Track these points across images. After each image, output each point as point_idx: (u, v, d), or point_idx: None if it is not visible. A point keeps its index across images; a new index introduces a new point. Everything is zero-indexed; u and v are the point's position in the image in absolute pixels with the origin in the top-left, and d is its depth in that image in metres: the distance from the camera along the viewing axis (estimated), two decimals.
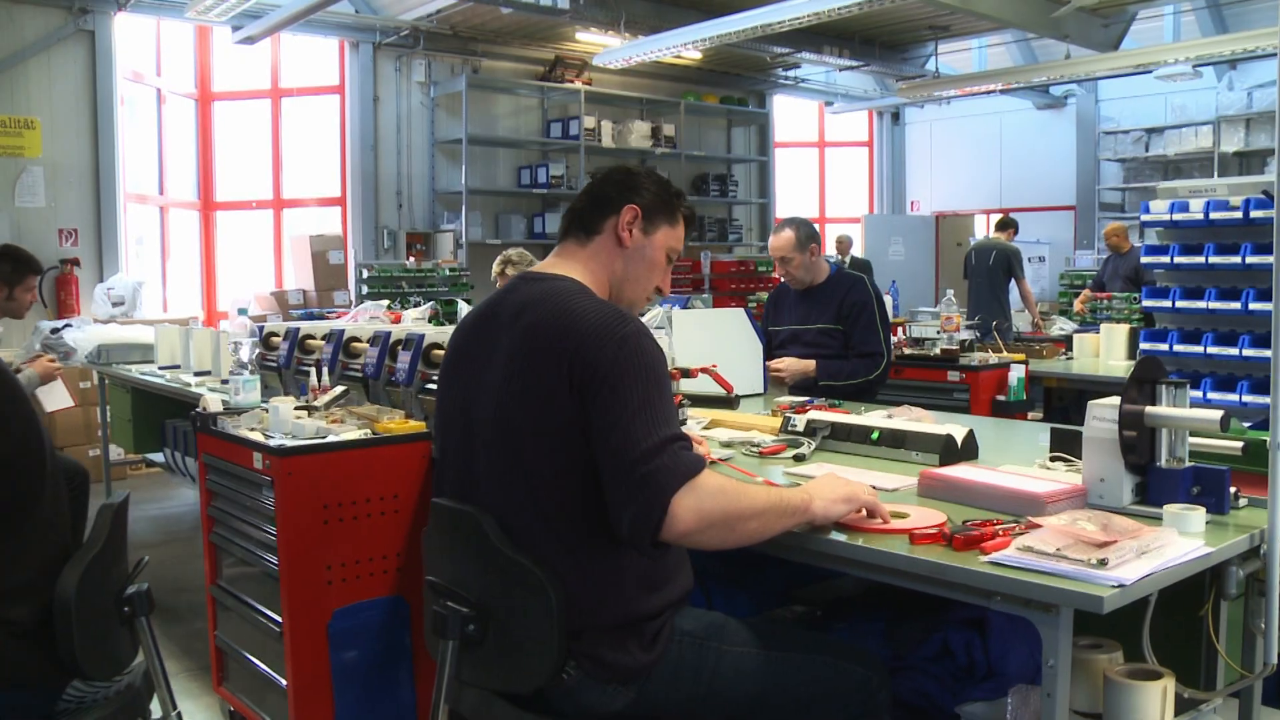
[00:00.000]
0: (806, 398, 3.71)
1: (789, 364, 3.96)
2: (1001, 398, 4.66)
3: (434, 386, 2.67)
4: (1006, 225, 8.24)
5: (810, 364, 3.95)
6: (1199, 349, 3.07)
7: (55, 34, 7.66)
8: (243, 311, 3.46)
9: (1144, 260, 3.25)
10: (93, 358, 5.99)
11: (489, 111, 10.02)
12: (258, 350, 3.30)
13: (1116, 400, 1.94)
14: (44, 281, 7.72)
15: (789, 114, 12.83)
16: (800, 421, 2.77)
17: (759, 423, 2.97)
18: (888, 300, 8.76)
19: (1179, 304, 3.11)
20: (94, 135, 7.89)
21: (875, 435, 2.59)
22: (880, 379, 4.02)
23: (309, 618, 2.72)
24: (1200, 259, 3.04)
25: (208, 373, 4.81)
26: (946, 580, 1.67)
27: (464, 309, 6.41)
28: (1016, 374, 4.66)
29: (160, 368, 5.36)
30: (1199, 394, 3.10)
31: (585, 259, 2.02)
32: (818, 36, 9.44)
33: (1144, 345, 3.28)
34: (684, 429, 3.03)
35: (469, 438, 1.93)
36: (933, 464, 2.46)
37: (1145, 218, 3.23)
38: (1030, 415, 4.93)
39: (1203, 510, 1.84)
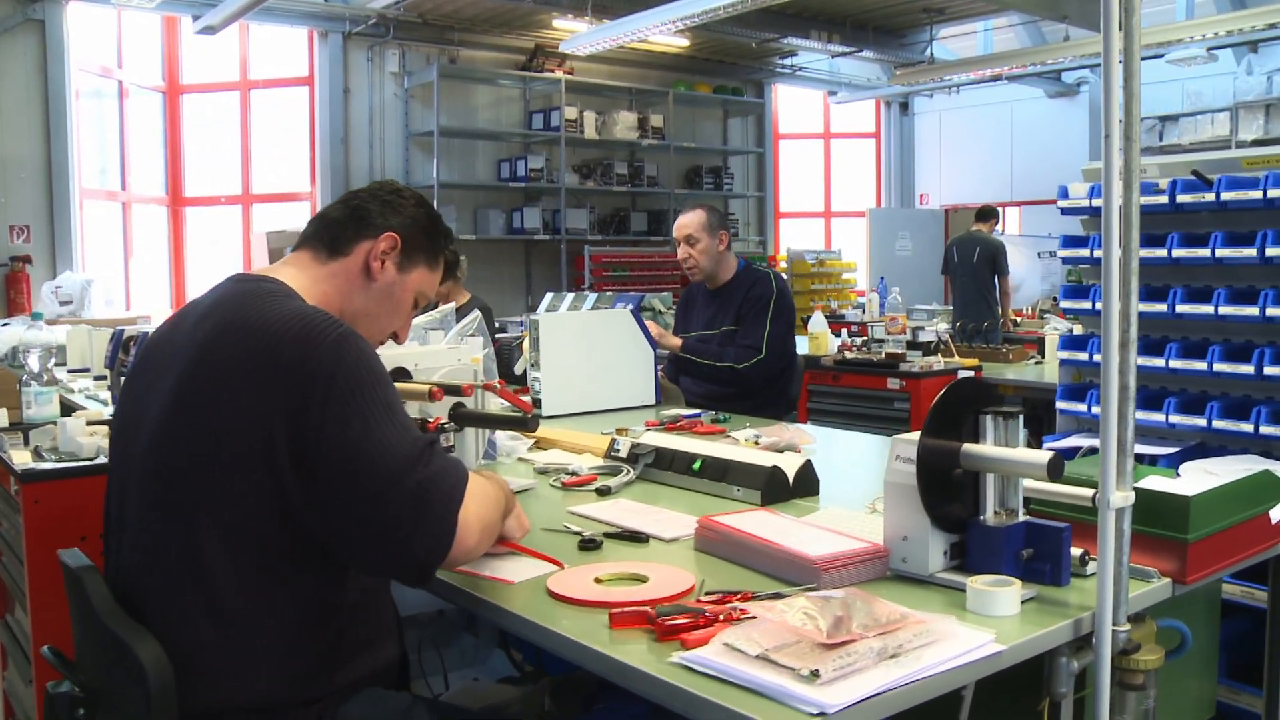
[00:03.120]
0: (695, 411, 3.30)
1: (657, 332, 3.68)
2: None
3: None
4: (987, 215, 7.67)
5: (678, 341, 3.70)
6: None
7: (2, 24, 7.41)
8: (37, 316, 3.10)
9: (1061, 254, 2.78)
10: (8, 360, 5.71)
11: (468, 102, 9.66)
12: (53, 359, 2.94)
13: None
14: None
15: (793, 105, 12.35)
16: (624, 445, 2.35)
17: (594, 444, 2.56)
18: (874, 298, 8.34)
19: (1099, 304, 2.63)
20: (46, 129, 7.64)
21: (697, 465, 2.16)
22: (751, 375, 3.63)
23: None
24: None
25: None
26: (631, 685, 1.24)
27: None
28: None
29: (70, 370, 5.07)
30: None
31: (320, 278, 1.67)
32: (805, 21, 8.96)
33: (1061, 354, 2.80)
34: (517, 447, 2.66)
35: (125, 474, 1.56)
36: (754, 502, 2.04)
37: (1063, 204, 2.74)
38: None
39: (1016, 585, 1.40)
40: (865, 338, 5.27)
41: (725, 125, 11.46)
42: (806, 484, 2.08)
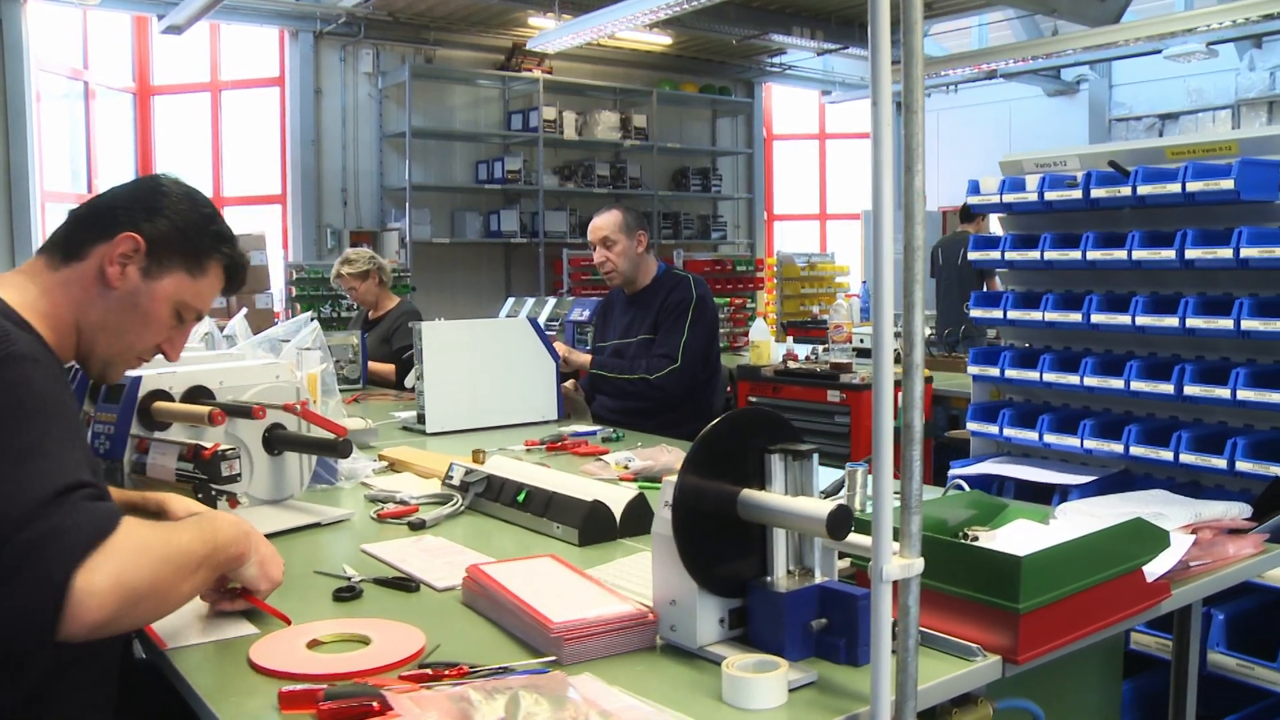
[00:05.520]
0: (592, 428, 3.04)
1: (564, 351, 3.44)
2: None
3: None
4: (972, 215, 7.30)
5: (585, 358, 3.49)
6: (1034, 374, 2.30)
7: None
8: None
9: (971, 256, 2.49)
10: None
11: (445, 103, 9.43)
12: None
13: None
14: None
15: (787, 105, 12.06)
16: (458, 472, 2.10)
17: (442, 469, 2.30)
18: (853, 303, 8.05)
19: (1011, 314, 2.34)
20: (5, 131, 7.47)
21: (521, 496, 1.90)
22: (666, 386, 3.36)
23: None
24: (1035, 253, 2.28)
25: None
26: None
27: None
28: None
29: None
30: (1034, 436, 2.33)
31: (50, 286, 1.45)
32: (787, 17, 8.67)
33: (972, 369, 2.51)
34: (361, 470, 2.40)
35: None
36: (573, 541, 1.78)
37: (972, 200, 2.46)
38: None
39: (782, 669, 1.13)
40: (826, 345, 4.99)
41: (714, 125, 11.19)
42: (639, 521, 1.82)
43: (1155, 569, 1.43)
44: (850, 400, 3.86)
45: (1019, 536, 1.47)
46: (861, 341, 5.01)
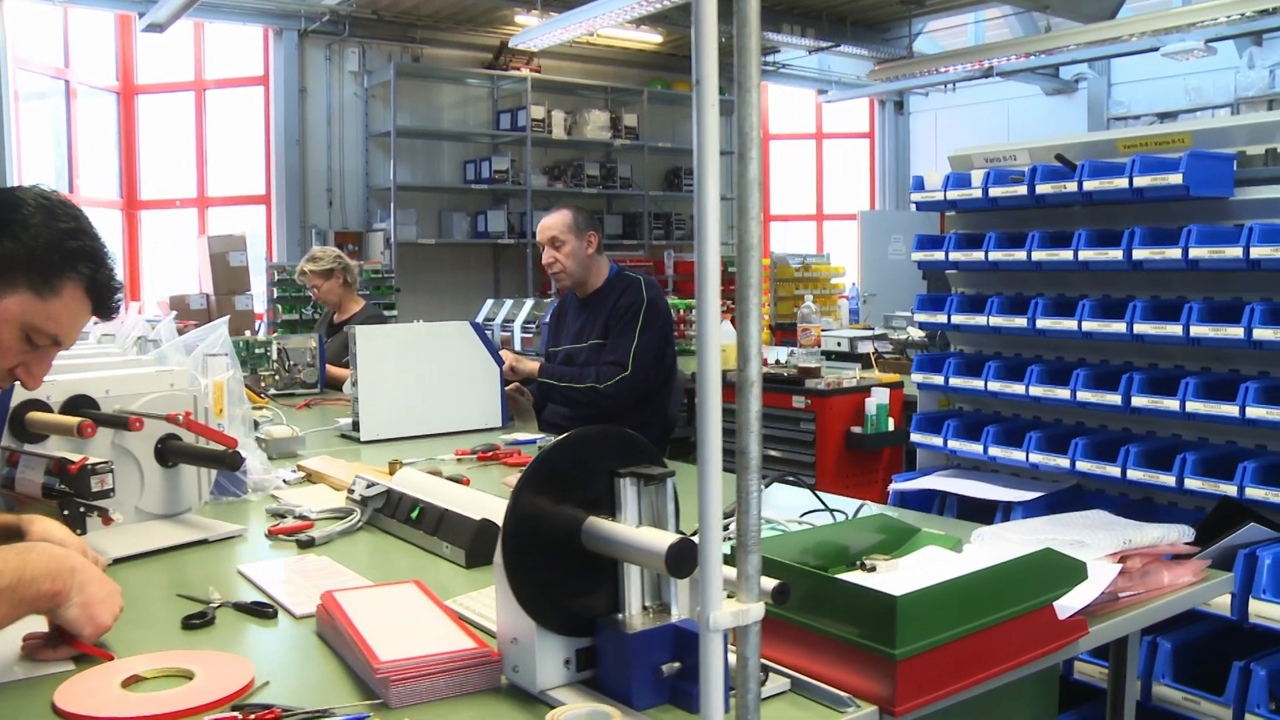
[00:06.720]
0: (534, 436, 2.93)
1: (511, 359, 3.32)
2: (858, 429, 3.77)
3: None
4: None
5: (534, 365, 3.34)
6: (979, 383, 2.17)
7: None
8: None
9: (915, 256, 2.36)
10: None
11: (432, 102, 9.33)
12: None
13: None
14: None
15: (785, 105, 11.93)
16: (359, 485, 1.98)
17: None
18: (842, 306, 7.90)
19: (956, 318, 2.21)
20: None
21: (415, 513, 1.79)
22: (616, 395, 3.24)
23: None
24: (979, 254, 2.15)
25: None
26: None
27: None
28: (877, 400, 3.77)
29: None
30: (979, 449, 2.20)
31: None
32: (778, 14, 8.54)
33: (915, 377, 2.38)
34: (271, 482, 2.29)
35: None
36: (460, 563, 1.66)
37: (916, 197, 2.33)
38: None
39: None
40: (801, 349, 4.86)
41: None
42: None
43: (1070, 604, 1.30)
44: (816, 406, 3.73)
45: (923, 567, 1.34)
46: (839, 345, 4.88)
